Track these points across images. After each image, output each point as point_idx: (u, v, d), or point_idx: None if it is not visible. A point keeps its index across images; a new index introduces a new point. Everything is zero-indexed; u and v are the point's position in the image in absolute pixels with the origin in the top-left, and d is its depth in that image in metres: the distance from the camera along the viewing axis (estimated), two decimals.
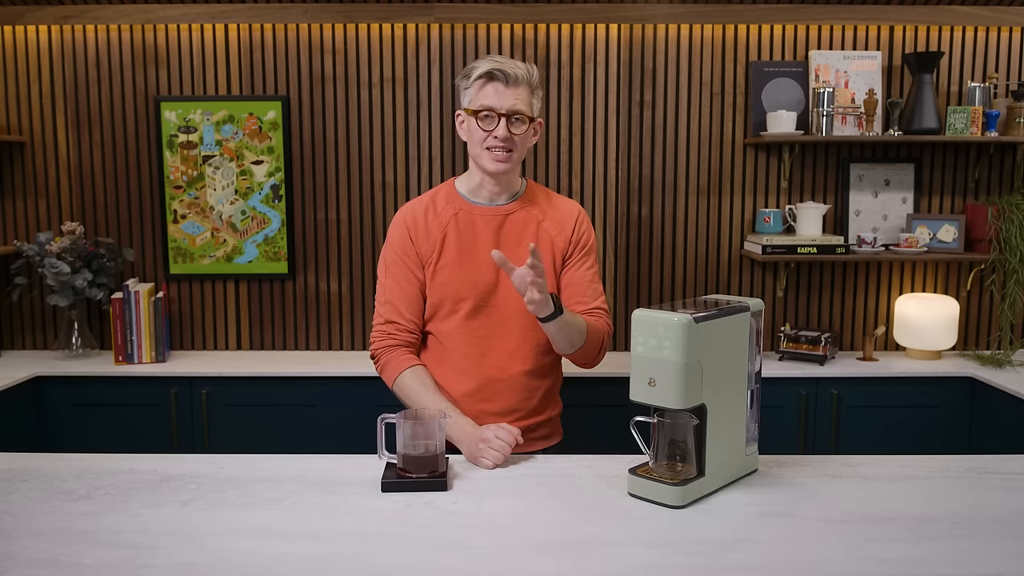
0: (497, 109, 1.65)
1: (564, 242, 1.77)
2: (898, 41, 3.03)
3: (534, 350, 1.75)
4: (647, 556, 1.17)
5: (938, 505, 1.35)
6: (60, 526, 1.27)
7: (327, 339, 3.17)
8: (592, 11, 2.96)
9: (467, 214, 1.75)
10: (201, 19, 2.98)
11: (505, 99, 1.65)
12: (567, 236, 1.77)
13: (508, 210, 1.76)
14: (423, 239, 1.75)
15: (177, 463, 1.55)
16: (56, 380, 2.79)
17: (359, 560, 1.16)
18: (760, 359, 1.52)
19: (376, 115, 3.07)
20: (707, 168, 3.10)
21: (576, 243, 1.78)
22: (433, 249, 1.74)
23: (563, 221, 1.78)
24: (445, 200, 1.78)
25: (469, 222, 1.75)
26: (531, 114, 1.69)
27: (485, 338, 1.73)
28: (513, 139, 1.67)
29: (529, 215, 1.77)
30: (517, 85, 1.66)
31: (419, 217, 1.76)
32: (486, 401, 1.74)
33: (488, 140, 1.67)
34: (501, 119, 1.65)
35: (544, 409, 1.81)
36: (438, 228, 1.75)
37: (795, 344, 2.94)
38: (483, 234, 1.74)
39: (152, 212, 3.11)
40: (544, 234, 1.76)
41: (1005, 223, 2.89)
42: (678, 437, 1.40)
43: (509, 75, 1.65)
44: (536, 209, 1.78)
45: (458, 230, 1.74)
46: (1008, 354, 2.91)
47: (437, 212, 1.77)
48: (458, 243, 1.74)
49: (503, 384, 1.74)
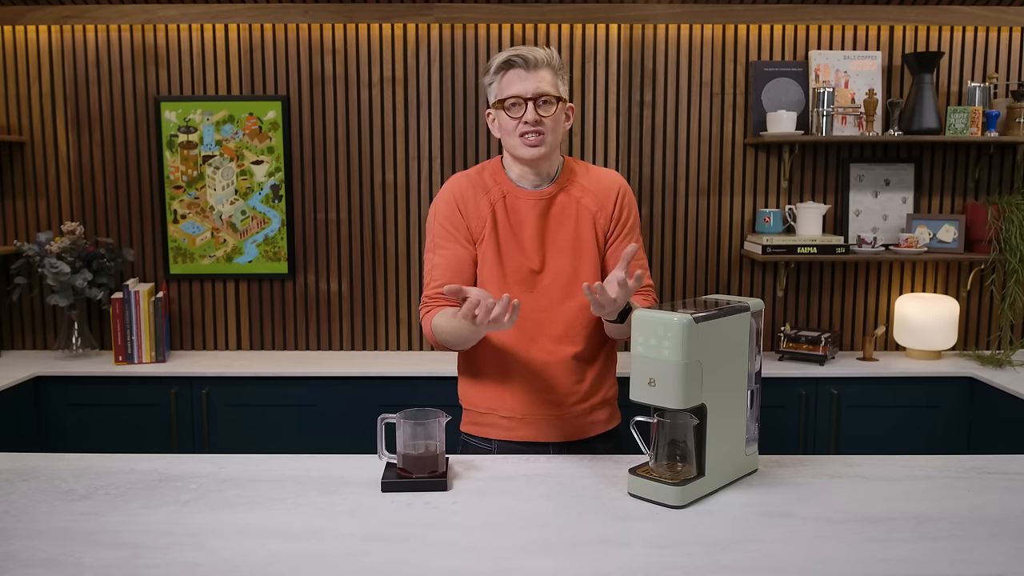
0: (523, 95, 1.64)
1: (605, 218, 1.73)
2: (898, 41, 3.03)
3: (582, 332, 1.71)
4: (647, 556, 1.17)
5: (938, 505, 1.35)
6: (60, 526, 1.27)
7: (327, 339, 3.17)
8: (592, 11, 2.96)
9: (514, 197, 1.72)
10: (201, 19, 2.98)
11: (528, 83, 1.63)
12: (608, 212, 1.73)
13: (550, 193, 1.72)
14: (473, 214, 1.71)
15: (177, 463, 1.55)
16: (56, 380, 2.79)
17: (359, 560, 1.16)
18: (760, 359, 1.52)
19: (376, 115, 3.07)
20: (707, 168, 3.10)
21: (618, 219, 1.74)
22: (483, 225, 1.71)
23: (603, 196, 1.74)
24: (492, 179, 1.75)
25: (515, 206, 1.72)
26: (558, 94, 1.67)
27: (532, 324, 1.70)
28: (544, 122, 1.65)
29: (569, 196, 1.73)
30: (538, 68, 1.64)
31: (467, 191, 1.73)
32: (540, 386, 1.71)
33: (519, 127, 1.65)
34: (528, 103, 1.63)
35: (598, 390, 1.76)
36: (487, 205, 1.71)
37: (795, 344, 2.94)
38: (528, 218, 1.71)
39: (152, 212, 3.11)
40: (584, 211, 1.72)
41: (1005, 223, 2.89)
42: (678, 437, 1.40)
43: (529, 59, 1.63)
44: (575, 187, 1.74)
45: (506, 212, 1.72)
46: (1008, 354, 2.91)
47: (486, 188, 1.73)
48: (507, 225, 1.71)
49: (555, 368, 1.71)
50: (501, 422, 1.74)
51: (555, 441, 1.73)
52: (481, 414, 1.77)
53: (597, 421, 1.77)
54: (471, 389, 1.79)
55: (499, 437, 1.75)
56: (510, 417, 1.73)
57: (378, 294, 3.15)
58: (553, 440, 1.73)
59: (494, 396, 1.74)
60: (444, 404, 1.76)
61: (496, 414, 1.74)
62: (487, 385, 1.75)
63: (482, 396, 1.76)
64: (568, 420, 1.73)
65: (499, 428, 1.74)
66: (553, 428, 1.73)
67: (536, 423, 1.72)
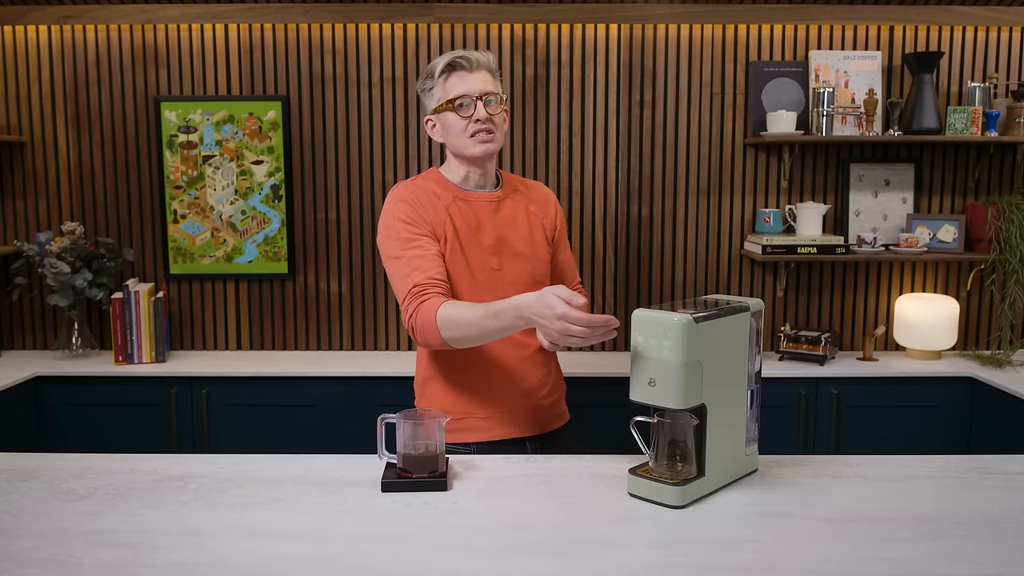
0: (471, 93, 1.67)
1: (549, 225, 1.83)
2: (898, 41, 3.03)
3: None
4: (647, 556, 1.17)
5: (938, 505, 1.35)
6: (60, 526, 1.27)
7: (327, 339, 3.17)
8: (592, 11, 2.96)
9: (464, 201, 1.74)
10: (201, 19, 2.98)
11: (474, 83, 1.68)
12: (552, 219, 1.85)
13: (499, 196, 1.78)
14: (431, 215, 1.69)
15: (177, 463, 1.55)
16: (56, 380, 2.79)
17: (359, 560, 1.16)
18: (760, 359, 1.52)
19: (376, 115, 3.07)
20: (707, 168, 3.10)
21: (557, 226, 1.86)
22: (443, 226, 1.69)
23: (544, 205, 1.85)
24: (437, 185, 1.74)
25: (468, 209, 1.73)
26: (501, 93, 1.72)
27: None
28: (492, 120, 1.69)
29: (517, 201, 1.80)
30: (479, 69, 1.69)
31: (419, 195, 1.71)
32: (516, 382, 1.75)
33: (470, 126, 1.67)
34: (477, 102, 1.67)
35: (560, 382, 1.88)
36: (441, 209, 1.70)
37: (795, 344, 2.94)
38: (483, 220, 1.73)
39: (152, 212, 3.11)
40: (533, 217, 1.81)
41: (1005, 223, 2.89)
42: (678, 437, 1.40)
43: (471, 60, 1.68)
44: (520, 195, 1.82)
45: (461, 215, 1.72)
46: (1008, 354, 2.91)
47: (435, 193, 1.72)
48: (464, 230, 1.72)
49: (527, 363, 1.76)
50: (480, 424, 1.75)
51: (531, 435, 1.78)
52: (457, 419, 1.74)
53: (562, 412, 1.87)
54: (444, 397, 1.76)
55: (478, 440, 1.75)
56: (488, 417, 1.75)
57: (378, 294, 3.15)
58: (529, 434, 1.77)
59: (470, 399, 1.75)
60: None
61: (474, 416, 1.74)
62: (462, 389, 1.75)
63: (457, 401, 1.75)
64: (541, 411, 1.79)
65: (477, 431, 1.75)
66: (529, 422, 1.77)
67: (514, 419, 1.75)
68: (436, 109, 1.71)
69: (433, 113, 1.73)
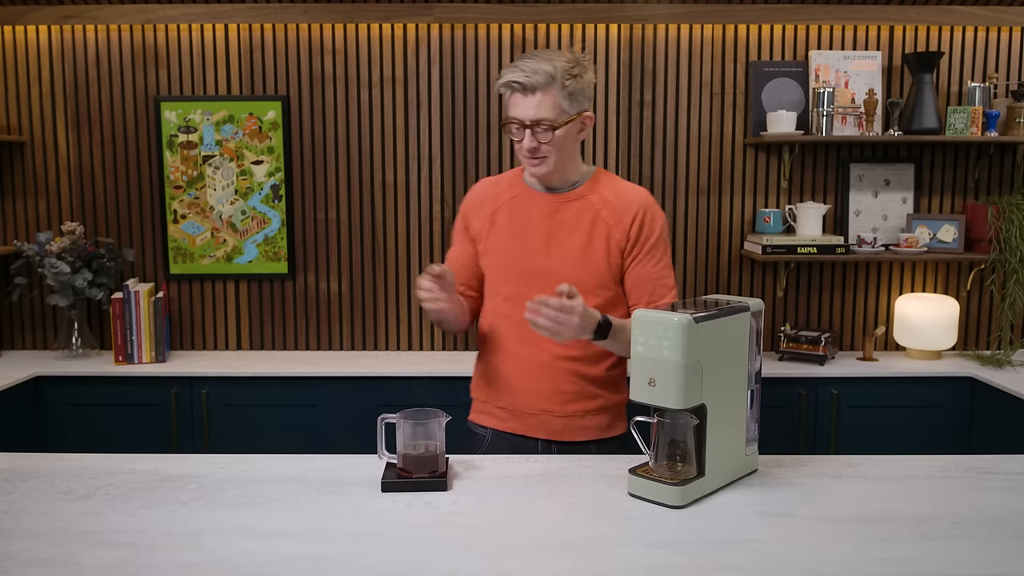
0: (521, 120, 1.63)
1: (622, 235, 1.69)
2: (898, 41, 3.03)
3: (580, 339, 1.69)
4: (647, 556, 1.17)
5: (938, 505, 1.35)
6: (60, 526, 1.27)
7: (327, 339, 3.17)
8: (592, 11, 2.96)
9: (524, 198, 1.75)
10: (201, 19, 2.98)
11: (526, 109, 1.62)
12: (625, 229, 1.69)
13: (565, 198, 1.73)
14: (476, 215, 1.80)
15: (177, 463, 1.55)
16: (56, 380, 2.79)
17: (359, 560, 1.16)
18: (760, 359, 1.52)
19: (376, 115, 3.07)
20: (707, 168, 3.10)
21: (636, 237, 1.69)
22: (483, 227, 1.78)
23: (623, 212, 1.70)
24: (509, 183, 1.80)
25: (524, 206, 1.75)
26: (556, 119, 1.62)
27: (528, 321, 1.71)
28: (541, 148, 1.64)
29: (587, 204, 1.71)
30: (535, 92, 1.60)
31: (478, 195, 1.83)
32: (530, 382, 1.74)
33: (523, 150, 1.67)
34: (526, 130, 1.63)
35: (595, 396, 1.74)
36: (491, 208, 1.78)
37: (795, 344, 2.94)
38: (535, 219, 1.73)
39: (152, 212, 3.11)
40: (601, 223, 1.70)
41: (1005, 223, 2.89)
42: (678, 437, 1.40)
43: (526, 85, 1.60)
44: (596, 197, 1.71)
45: (511, 213, 1.75)
46: (1008, 354, 2.91)
47: (497, 193, 1.80)
48: (509, 225, 1.74)
49: (547, 368, 1.72)
50: (496, 412, 1.80)
51: (543, 438, 1.75)
52: (482, 402, 1.84)
53: (590, 426, 1.75)
54: (477, 378, 1.86)
55: (493, 426, 1.80)
56: (503, 408, 1.78)
57: (378, 294, 3.15)
58: (541, 437, 1.75)
59: (492, 387, 1.80)
60: (444, 404, 1.76)
61: (493, 404, 1.80)
62: (488, 375, 1.81)
63: (483, 386, 1.83)
64: (555, 420, 1.74)
65: (494, 417, 1.80)
66: (540, 425, 1.75)
67: (524, 418, 1.75)
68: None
69: None
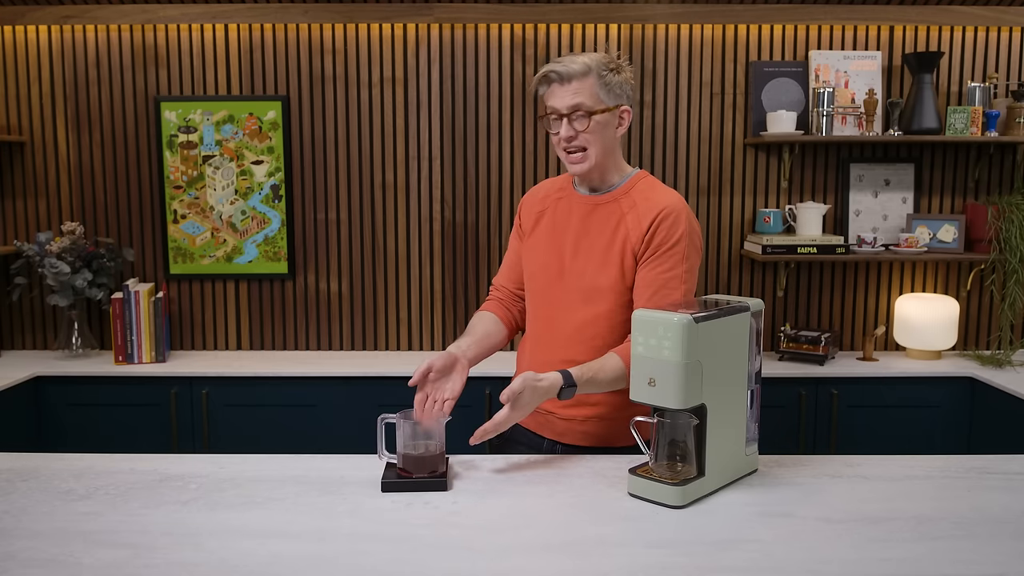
0: (558, 109, 1.64)
1: (637, 238, 1.66)
2: (898, 41, 3.03)
3: (588, 341, 1.68)
4: (647, 556, 1.17)
5: (938, 505, 1.35)
6: (60, 526, 1.27)
7: (327, 339, 3.17)
8: (592, 11, 2.96)
9: (568, 200, 1.77)
10: (201, 19, 2.98)
11: (563, 98, 1.63)
12: (641, 233, 1.66)
13: (600, 200, 1.72)
14: (527, 215, 1.83)
15: (177, 463, 1.55)
16: (56, 380, 2.79)
17: (359, 560, 1.16)
18: (760, 359, 1.52)
19: (376, 115, 3.07)
20: (707, 168, 3.10)
21: (649, 241, 1.65)
22: (529, 226, 1.81)
23: (643, 217, 1.67)
24: (561, 185, 1.82)
25: (566, 208, 1.77)
26: (594, 107, 1.62)
27: (548, 320, 1.74)
28: (579, 136, 1.64)
29: (617, 207, 1.70)
30: (570, 81, 1.61)
31: (532, 195, 1.86)
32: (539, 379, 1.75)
33: (561, 142, 1.67)
34: (563, 119, 1.64)
35: (596, 402, 1.69)
36: (540, 208, 1.81)
37: (795, 344, 2.93)
38: (572, 220, 1.75)
39: (152, 212, 3.11)
40: (623, 227, 1.68)
41: (1005, 223, 2.89)
42: (678, 437, 1.40)
43: (562, 73, 1.61)
44: (627, 200, 1.70)
45: (554, 213, 1.78)
46: (1008, 354, 2.91)
47: (548, 193, 1.82)
48: (551, 225, 1.77)
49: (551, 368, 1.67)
50: None
51: (549, 438, 1.76)
52: None
53: (591, 433, 1.72)
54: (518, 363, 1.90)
55: None
56: None
57: (378, 294, 3.15)
58: (548, 436, 1.76)
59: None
60: None
61: None
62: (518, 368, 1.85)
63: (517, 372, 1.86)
64: (558, 422, 1.74)
65: None
66: (546, 425, 1.75)
67: (535, 415, 1.76)
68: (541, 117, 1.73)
69: None
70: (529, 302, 1.81)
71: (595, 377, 1.59)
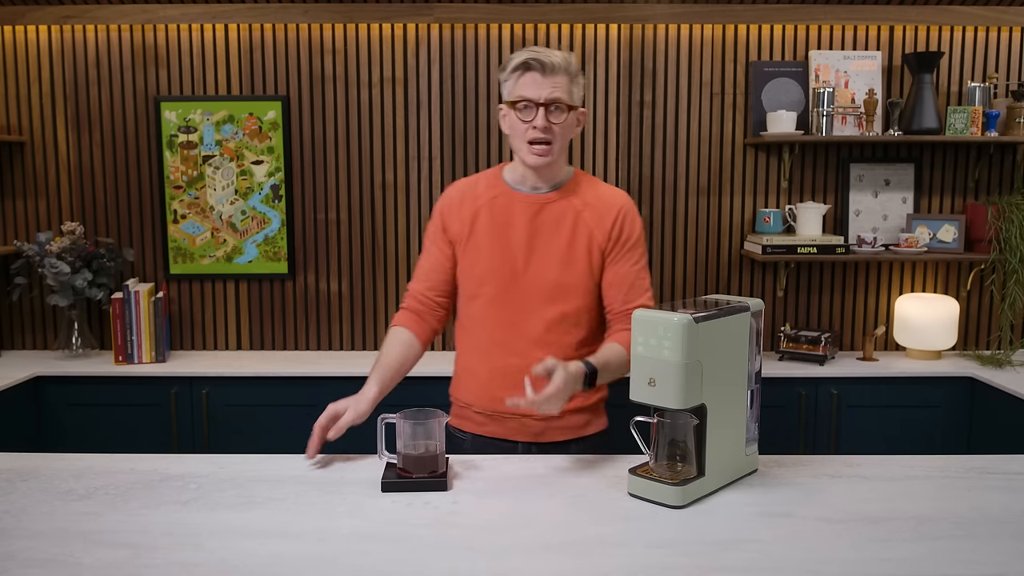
0: (535, 99, 1.64)
1: (603, 236, 1.71)
2: (898, 41, 3.03)
3: (559, 339, 1.71)
4: (647, 556, 1.17)
5: (938, 505, 1.35)
6: (60, 526, 1.27)
7: (327, 339, 3.17)
8: (592, 11, 2.96)
9: (505, 199, 1.75)
10: (201, 19, 2.98)
11: (543, 88, 1.63)
12: (606, 229, 1.71)
13: (548, 199, 1.73)
14: (455, 218, 1.77)
15: (177, 463, 1.55)
16: (56, 380, 2.79)
17: (359, 560, 1.16)
18: (760, 359, 1.52)
19: (376, 115, 3.07)
20: (707, 168, 3.10)
21: (616, 238, 1.71)
22: (463, 229, 1.75)
23: (604, 214, 1.72)
24: (487, 184, 1.79)
25: (505, 207, 1.74)
26: (570, 102, 1.66)
27: (510, 324, 1.71)
28: (553, 129, 1.65)
29: (569, 205, 1.73)
30: (554, 74, 1.63)
31: (455, 198, 1.80)
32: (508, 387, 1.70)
33: (528, 132, 1.66)
34: (540, 109, 1.64)
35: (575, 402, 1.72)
36: (471, 210, 1.76)
37: (795, 344, 2.93)
38: (517, 220, 1.73)
39: (152, 212, 3.11)
40: (583, 226, 1.71)
41: (1005, 223, 2.89)
42: (678, 437, 1.40)
43: (546, 64, 1.62)
44: (577, 199, 1.73)
45: (492, 214, 1.74)
46: (1008, 354, 2.91)
47: (476, 195, 1.78)
48: (490, 227, 1.73)
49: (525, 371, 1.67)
50: (475, 416, 1.79)
51: (523, 441, 1.76)
52: (461, 407, 1.83)
53: (570, 426, 1.75)
54: (456, 382, 1.85)
55: (472, 431, 1.80)
56: (482, 413, 1.77)
57: (378, 294, 3.15)
58: (521, 440, 1.76)
59: (470, 392, 1.79)
60: (444, 404, 1.77)
61: (471, 409, 1.79)
62: (467, 380, 1.80)
63: (463, 390, 1.82)
64: (534, 423, 1.73)
65: (473, 422, 1.80)
66: (519, 429, 1.75)
67: (503, 422, 1.75)
68: (505, 103, 1.70)
69: (504, 104, 1.71)
70: (478, 308, 1.75)
71: (608, 365, 1.60)
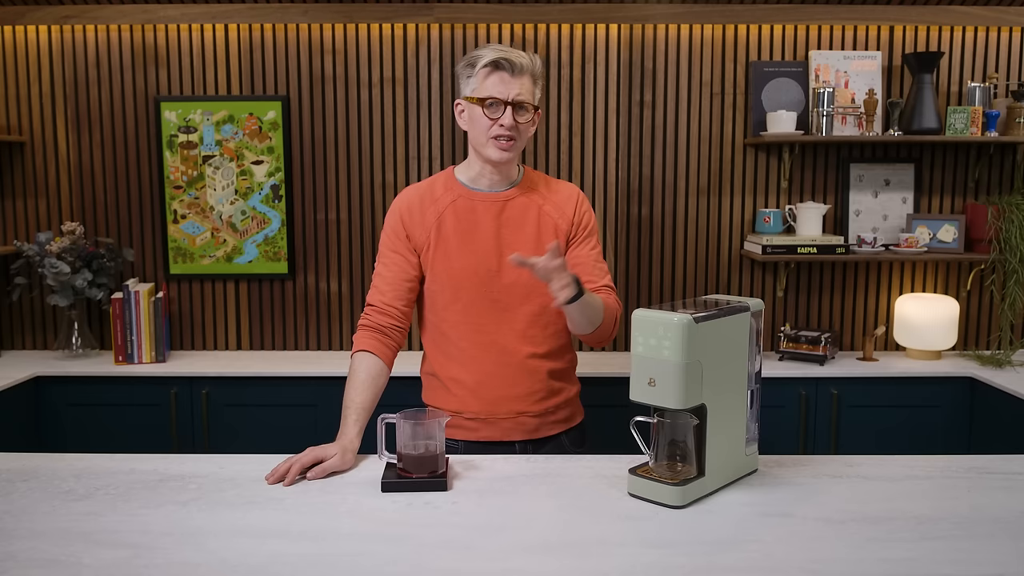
0: (503, 98, 1.66)
1: (567, 224, 1.78)
2: (898, 41, 3.03)
3: (543, 332, 1.75)
4: (647, 556, 1.17)
5: (938, 505, 1.35)
6: (60, 526, 1.27)
7: (327, 339, 3.17)
8: (592, 11, 2.96)
9: (466, 200, 1.75)
10: (201, 19, 2.98)
11: (511, 88, 1.66)
12: (569, 218, 1.78)
13: (508, 196, 1.76)
14: (417, 225, 1.76)
15: (177, 463, 1.55)
16: (56, 380, 2.79)
17: (359, 560, 1.16)
18: (760, 359, 1.52)
19: (376, 115, 3.07)
20: (707, 168, 3.10)
21: (578, 223, 1.79)
22: (427, 235, 1.75)
23: (563, 204, 1.79)
24: (444, 187, 1.79)
25: (468, 208, 1.75)
26: (534, 103, 1.71)
27: (492, 324, 1.73)
28: (518, 127, 1.68)
29: (530, 200, 1.77)
30: (522, 74, 1.68)
31: (414, 203, 1.77)
32: (502, 387, 1.74)
33: (493, 129, 1.68)
34: (507, 108, 1.66)
35: (560, 390, 1.80)
36: (434, 214, 1.75)
37: (795, 344, 2.93)
38: (483, 220, 1.74)
39: (152, 212, 3.11)
40: (546, 218, 1.76)
41: (1005, 223, 2.89)
42: (678, 437, 1.40)
43: (515, 64, 1.66)
44: (536, 195, 1.78)
45: (456, 216, 1.75)
46: (1008, 354, 2.91)
47: (435, 198, 1.77)
48: (456, 229, 1.74)
49: (515, 368, 1.74)
50: (466, 423, 1.77)
51: (520, 439, 1.77)
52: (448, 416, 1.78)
53: (559, 420, 1.81)
54: (434, 392, 1.82)
55: (464, 438, 1.78)
56: (475, 418, 1.76)
57: None
58: (518, 439, 1.77)
59: (459, 400, 1.77)
60: None
61: (461, 416, 1.77)
62: (453, 389, 1.77)
63: (447, 399, 1.78)
64: (531, 420, 1.76)
65: (464, 429, 1.77)
66: (516, 427, 1.76)
67: (498, 423, 1.75)
68: (468, 99, 1.71)
69: (464, 100, 1.72)
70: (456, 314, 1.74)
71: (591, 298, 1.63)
